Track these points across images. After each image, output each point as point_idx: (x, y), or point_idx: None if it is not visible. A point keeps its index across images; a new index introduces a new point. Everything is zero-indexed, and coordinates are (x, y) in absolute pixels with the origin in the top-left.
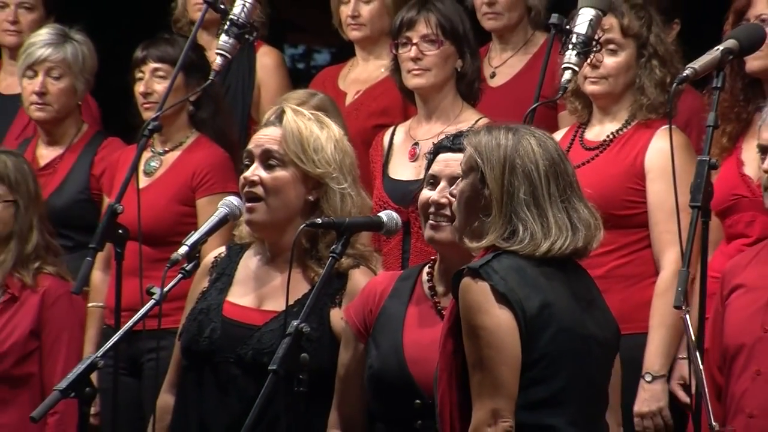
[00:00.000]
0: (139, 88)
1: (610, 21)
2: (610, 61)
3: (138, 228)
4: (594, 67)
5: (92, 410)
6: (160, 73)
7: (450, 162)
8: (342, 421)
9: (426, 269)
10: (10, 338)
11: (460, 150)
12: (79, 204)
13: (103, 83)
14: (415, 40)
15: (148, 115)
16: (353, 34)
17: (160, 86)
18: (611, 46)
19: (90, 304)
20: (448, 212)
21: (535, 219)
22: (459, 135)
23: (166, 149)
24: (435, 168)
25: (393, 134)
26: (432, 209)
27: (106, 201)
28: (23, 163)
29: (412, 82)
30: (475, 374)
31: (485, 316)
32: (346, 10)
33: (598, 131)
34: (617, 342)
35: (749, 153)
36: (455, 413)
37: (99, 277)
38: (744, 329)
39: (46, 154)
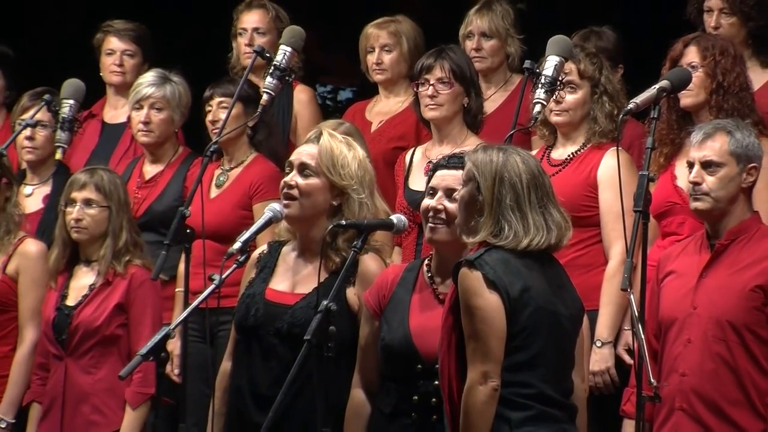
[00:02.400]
0: (209, 117)
1: (569, 66)
2: (569, 98)
3: (202, 228)
4: (557, 102)
5: (176, 371)
6: (224, 105)
7: (445, 177)
8: (362, 380)
9: (425, 262)
10: (104, 314)
11: (454, 167)
12: (174, 209)
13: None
14: (431, 81)
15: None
16: (377, 77)
17: (224, 115)
18: (570, 86)
19: (177, 290)
20: (443, 216)
21: (518, 220)
22: (452, 156)
23: (232, 166)
24: (433, 182)
25: (413, 154)
26: (431, 214)
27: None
28: (116, 178)
29: (428, 114)
30: (470, 344)
31: (479, 298)
32: (371, 58)
33: (561, 152)
34: (582, 316)
35: (681, 169)
36: (453, 373)
37: (183, 268)
38: (676, 306)
39: (150, 170)
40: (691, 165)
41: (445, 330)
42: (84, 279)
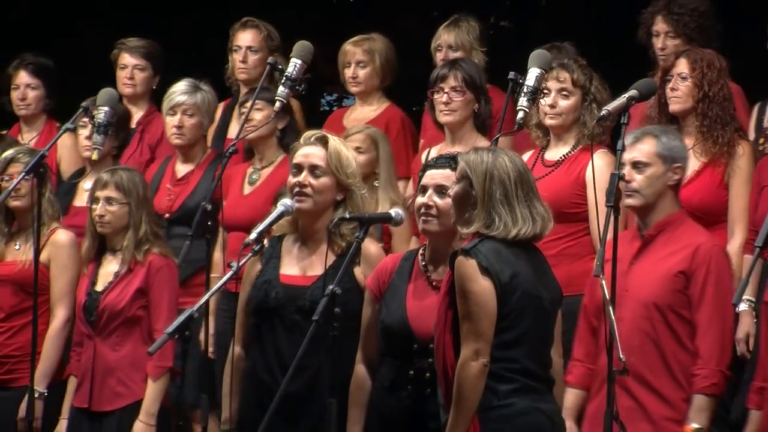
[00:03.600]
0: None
1: (564, 75)
2: (563, 103)
3: (222, 220)
4: (552, 107)
5: (211, 348)
6: (258, 107)
7: (435, 176)
8: (365, 356)
9: (420, 252)
10: (126, 297)
11: (441, 167)
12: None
13: None
14: (446, 90)
15: (250, 135)
16: (353, 89)
17: (258, 115)
18: (564, 93)
19: (212, 275)
20: (433, 212)
21: (507, 213)
22: (440, 157)
23: (263, 165)
24: (424, 180)
25: (429, 153)
26: (423, 210)
27: (224, 203)
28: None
29: (443, 119)
30: (464, 324)
31: (473, 284)
32: (348, 72)
33: (554, 152)
34: (560, 300)
35: None
36: (447, 349)
37: (218, 256)
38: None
39: (181, 169)
40: (623, 166)
41: (441, 312)
42: (110, 267)
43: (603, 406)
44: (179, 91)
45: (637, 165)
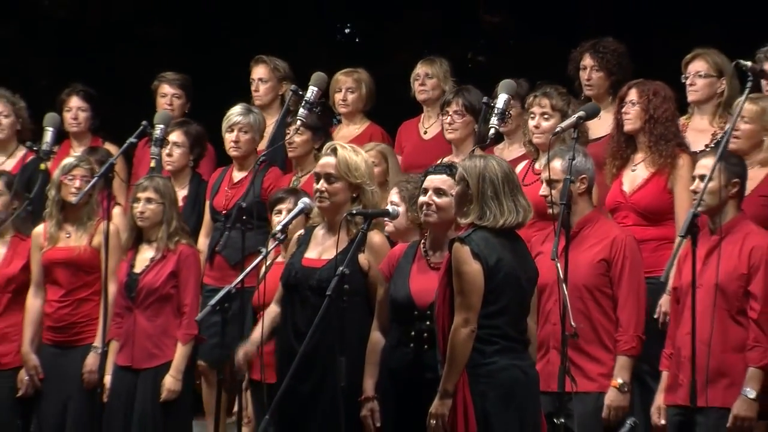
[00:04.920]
0: (287, 138)
1: (545, 101)
2: (544, 124)
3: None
4: (536, 128)
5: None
6: (299, 131)
7: (433, 180)
8: (379, 324)
9: (422, 240)
10: (161, 278)
11: (439, 173)
12: (255, 204)
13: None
14: (450, 112)
15: (292, 154)
16: (341, 110)
17: (298, 138)
18: (545, 116)
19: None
20: (433, 208)
21: (496, 206)
22: (438, 165)
23: (302, 174)
24: (425, 184)
25: (442, 161)
26: (424, 207)
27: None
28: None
29: (447, 136)
30: (457, 298)
31: (466, 266)
32: (339, 96)
33: (541, 163)
34: (536, 279)
35: (626, 178)
36: (445, 318)
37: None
38: (547, 276)
39: (237, 176)
40: (549, 183)
41: (441, 288)
42: (146, 254)
43: (546, 366)
44: (236, 113)
45: (549, 183)
